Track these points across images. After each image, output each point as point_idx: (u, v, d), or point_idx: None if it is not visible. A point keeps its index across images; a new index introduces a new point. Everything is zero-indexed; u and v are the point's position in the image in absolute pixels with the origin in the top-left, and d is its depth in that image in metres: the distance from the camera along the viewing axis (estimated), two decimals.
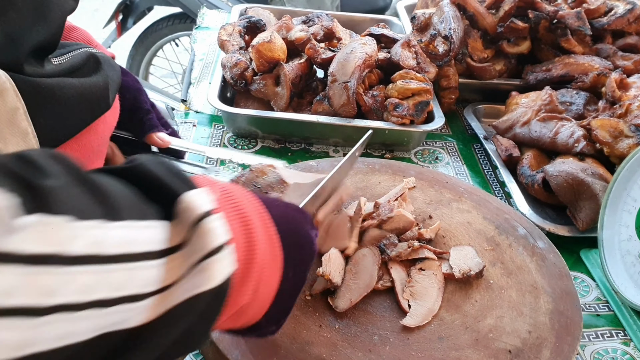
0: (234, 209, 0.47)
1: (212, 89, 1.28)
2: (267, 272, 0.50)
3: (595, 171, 1.09)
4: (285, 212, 0.56)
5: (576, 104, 1.29)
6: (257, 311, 0.52)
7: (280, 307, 0.55)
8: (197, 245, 0.41)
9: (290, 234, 0.54)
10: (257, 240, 0.48)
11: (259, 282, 0.49)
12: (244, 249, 0.47)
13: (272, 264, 0.51)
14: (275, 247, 0.51)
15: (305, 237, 0.57)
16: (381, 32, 1.44)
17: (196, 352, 0.80)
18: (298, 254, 0.55)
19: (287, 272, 0.53)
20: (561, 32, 1.43)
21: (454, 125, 1.44)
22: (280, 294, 0.53)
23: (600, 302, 0.97)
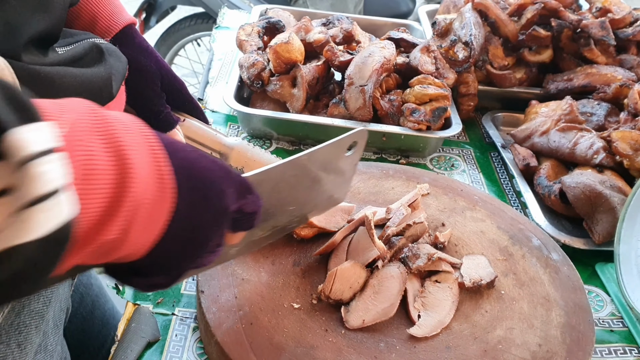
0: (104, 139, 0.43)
1: (228, 88, 1.28)
2: (146, 209, 0.45)
3: (614, 184, 1.07)
4: (194, 157, 0.52)
5: (597, 115, 1.27)
6: (133, 250, 0.47)
7: (167, 252, 0.50)
8: (21, 191, 0.36)
9: (192, 177, 0.50)
10: (134, 172, 0.43)
11: (133, 219, 0.44)
12: (112, 181, 0.42)
13: (157, 203, 0.46)
14: (165, 184, 0.47)
15: (212, 186, 0.52)
16: (401, 37, 1.43)
17: (201, 352, 0.80)
18: (199, 201, 0.50)
19: (180, 218, 0.49)
20: (584, 41, 1.41)
21: (472, 132, 1.42)
22: (168, 237, 0.49)
23: (615, 318, 0.94)
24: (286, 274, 0.86)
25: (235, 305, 0.79)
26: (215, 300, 0.80)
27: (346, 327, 0.80)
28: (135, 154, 0.44)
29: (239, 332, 0.76)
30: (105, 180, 0.42)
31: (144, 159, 0.45)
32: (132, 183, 0.43)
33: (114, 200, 0.42)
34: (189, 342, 0.81)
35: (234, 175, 0.55)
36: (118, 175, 0.42)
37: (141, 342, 0.78)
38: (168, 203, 0.47)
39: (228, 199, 0.53)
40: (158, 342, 0.80)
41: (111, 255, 0.46)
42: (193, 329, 0.83)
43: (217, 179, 0.52)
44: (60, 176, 0.37)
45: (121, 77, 0.70)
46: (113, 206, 0.42)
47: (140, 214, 0.45)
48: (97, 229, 0.42)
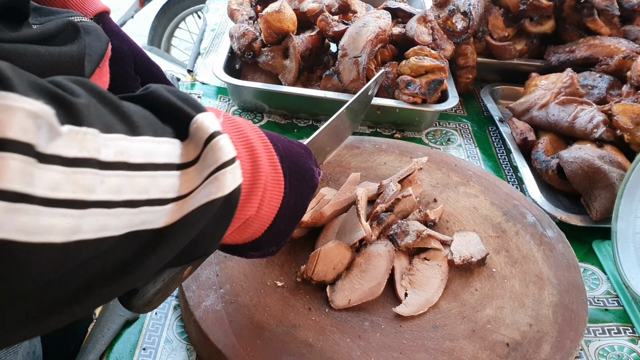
0: (237, 132, 0.53)
1: (218, 59, 1.24)
2: (269, 191, 0.56)
3: (614, 159, 1.04)
4: (288, 145, 0.61)
5: (598, 87, 1.23)
6: (259, 227, 0.58)
7: (280, 227, 0.60)
8: (209, 159, 0.46)
9: (292, 164, 0.60)
10: (260, 161, 0.53)
11: (263, 199, 0.55)
12: (249, 166, 0.52)
13: (275, 186, 0.57)
14: (278, 170, 0.57)
15: (305, 170, 0.63)
16: (398, 6, 1.38)
17: (181, 331, 0.78)
18: (299, 183, 0.61)
19: (288, 197, 0.59)
20: (587, 11, 1.36)
21: (470, 106, 1.38)
22: (281, 214, 0.59)
23: (610, 297, 0.92)
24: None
25: (216, 283, 0.77)
26: (196, 278, 0.77)
27: (331, 305, 0.77)
28: (257, 143, 0.54)
29: (218, 311, 0.73)
30: (245, 164, 0.52)
31: (260, 146, 0.55)
32: (260, 168, 0.53)
33: (252, 181, 0.53)
34: (170, 321, 0.79)
35: (307, 149, 0.66)
36: (252, 162, 0.53)
37: (119, 320, 0.76)
38: (281, 185, 0.58)
39: (316, 175, 0.65)
40: (137, 321, 0.78)
41: (245, 232, 0.57)
42: (174, 307, 0.81)
43: (303, 157, 0.63)
44: (232, 149, 0.47)
45: (98, 57, 0.67)
46: (252, 185, 0.53)
47: (267, 195, 0.56)
48: (245, 202, 0.53)
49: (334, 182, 0.99)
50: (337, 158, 1.04)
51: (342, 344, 0.73)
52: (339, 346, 0.72)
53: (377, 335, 0.75)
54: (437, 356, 0.73)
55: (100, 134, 0.38)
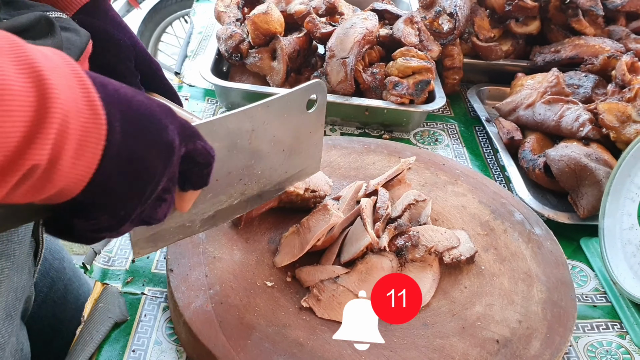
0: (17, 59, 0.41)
1: (205, 61, 1.24)
2: (77, 133, 0.44)
3: (600, 157, 1.05)
4: (129, 92, 0.50)
5: (584, 87, 1.24)
6: (70, 181, 0.45)
7: (109, 185, 0.48)
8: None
9: (128, 109, 0.48)
10: (53, 90, 0.42)
11: (61, 145, 0.43)
12: (34, 99, 0.41)
13: (89, 128, 0.45)
14: (95, 109, 0.45)
15: (151, 120, 0.50)
16: (384, 8, 1.39)
17: (171, 332, 0.77)
18: (139, 134, 0.49)
19: (118, 145, 0.47)
20: (572, 12, 1.37)
21: (457, 106, 1.39)
22: (105, 168, 0.46)
23: (598, 293, 0.92)
24: (261, 252, 0.84)
25: (206, 284, 0.77)
26: (185, 279, 0.77)
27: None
28: (55, 77, 0.42)
29: (208, 312, 0.73)
30: (22, 100, 0.40)
31: (67, 83, 0.43)
32: (54, 104, 0.41)
33: (36, 121, 0.41)
34: (159, 322, 0.78)
35: (178, 116, 0.53)
36: (37, 96, 0.41)
37: (108, 322, 0.76)
38: (101, 128, 0.46)
39: (171, 133, 0.51)
40: (126, 323, 0.78)
41: (45, 188, 0.44)
42: (163, 308, 0.80)
43: (156, 113, 0.50)
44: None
45: (78, 51, 0.65)
46: (35, 126, 0.41)
47: (70, 139, 0.43)
48: (22, 151, 0.40)
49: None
50: (326, 158, 1.04)
51: (333, 343, 0.72)
52: (330, 345, 0.72)
53: None
54: (427, 354, 0.73)
55: None
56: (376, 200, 0.88)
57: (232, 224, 0.87)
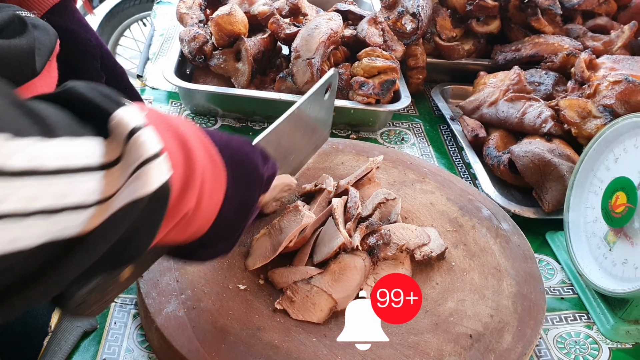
0: (165, 125, 0.49)
1: (168, 63, 1.22)
2: (209, 183, 0.53)
3: (563, 152, 1.07)
4: (225, 137, 0.59)
5: (545, 84, 1.26)
6: (203, 222, 0.55)
7: (227, 220, 0.58)
8: (132, 156, 0.43)
9: (232, 154, 0.58)
10: (194, 151, 0.50)
11: (202, 191, 0.52)
12: (182, 158, 0.49)
13: (215, 176, 0.54)
14: (216, 161, 0.55)
15: (248, 160, 0.61)
16: (348, 9, 1.39)
17: (142, 340, 0.76)
18: (243, 175, 0.59)
19: (232, 188, 0.57)
20: (531, 11, 1.40)
21: (421, 106, 1.40)
22: (226, 206, 0.56)
23: (565, 285, 0.94)
24: (231, 255, 0.82)
25: (177, 289, 0.76)
26: (155, 285, 0.75)
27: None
28: (189, 135, 0.51)
29: (180, 317, 0.72)
30: (177, 157, 0.48)
31: (194, 138, 0.52)
32: (195, 161, 0.50)
33: (186, 173, 0.49)
34: (129, 330, 0.77)
35: (256, 146, 0.64)
36: (184, 155, 0.49)
37: (77, 332, 0.73)
38: (222, 177, 0.56)
39: (260, 167, 0.62)
40: (96, 331, 0.76)
41: (187, 228, 0.53)
42: (133, 315, 0.79)
43: (248, 152, 0.61)
44: (157, 142, 0.45)
45: (48, 52, 0.64)
46: (187, 177, 0.49)
47: (206, 187, 0.53)
48: (180, 197, 0.49)
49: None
50: None
51: (308, 343, 0.72)
52: (305, 346, 0.72)
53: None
54: (402, 351, 0.73)
55: (11, 140, 0.35)
56: (347, 200, 0.87)
57: None
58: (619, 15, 1.52)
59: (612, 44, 1.37)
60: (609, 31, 1.44)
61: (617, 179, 0.87)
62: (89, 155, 0.41)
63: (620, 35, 1.37)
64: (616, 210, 0.86)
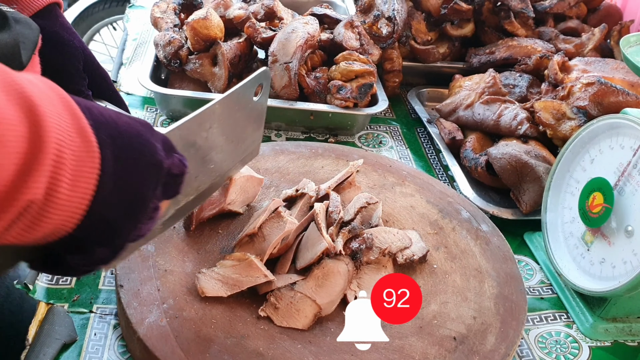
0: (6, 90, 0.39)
1: (143, 68, 1.21)
2: (71, 166, 0.42)
3: (539, 153, 1.08)
4: (114, 115, 0.48)
5: (519, 86, 1.28)
6: (64, 217, 0.43)
7: (105, 216, 0.45)
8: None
9: (118, 134, 0.46)
10: (47, 122, 0.40)
11: (57, 176, 0.41)
12: (25, 129, 0.39)
13: (82, 158, 0.43)
14: (88, 137, 0.43)
15: (141, 143, 0.48)
16: (324, 12, 1.39)
17: (123, 351, 0.74)
18: (130, 160, 0.47)
19: (112, 173, 0.45)
20: (504, 14, 1.42)
21: (398, 109, 1.41)
22: (100, 199, 0.44)
23: (544, 285, 0.95)
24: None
25: (159, 298, 0.74)
26: (136, 295, 0.74)
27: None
28: (46, 105, 0.40)
29: (163, 327, 0.71)
30: (15, 126, 0.38)
31: (57, 110, 0.41)
32: (48, 134, 0.39)
33: (31, 151, 0.39)
34: (110, 341, 0.75)
35: (157, 131, 0.52)
36: (30, 125, 0.39)
37: (55, 344, 0.72)
38: (94, 159, 0.43)
39: (159, 152, 0.50)
40: (75, 343, 0.74)
41: (40, 225, 0.41)
42: (114, 326, 0.77)
43: (142, 133, 0.49)
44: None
45: (32, 45, 0.64)
46: (31, 159, 0.39)
47: (65, 170, 0.41)
48: (17, 185, 0.38)
49: (274, 187, 0.98)
50: (274, 164, 1.03)
51: (294, 350, 0.72)
52: (291, 353, 0.71)
53: (327, 339, 0.74)
54: (387, 355, 0.73)
55: None
56: (328, 204, 0.87)
57: (184, 227, 0.85)
58: (589, 18, 1.55)
59: (583, 46, 1.39)
60: (580, 34, 1.46)
61: (594, 179, 0.88)
62: None
63: (591, 38, 1.39)
64: (593, 210, 0.87)
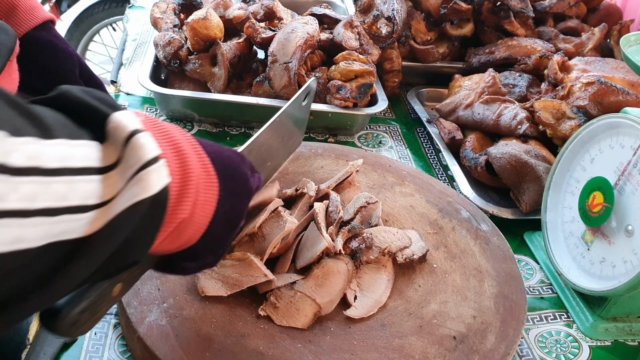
0: (160, 131, 0.49)
1: (143, 69, 1.21)
2: (203, 193, 0.52)
3: (539, 153, 1.08)
4: (217, 148, 0.58)
5: (519, 86, 1.28)
6: (194, 232, 0.54)
7: (216, 233, 0.57)
8: (131, 160, 0.43)
9: (223, 166, 0.56)
10: (189, 159, 0.50)
11: (196, 201, 0.51)
12: (177, 165, 0.48)
13: (208, 186, 0.54)
14: (210, 172, 0.54)
15: (239, 173, 0.60)
16: (323, 12, 1.39)
17: (124, 350, 0.74)
18: (233, 187, 0.58)
19: (223, 200, 0.56)
20: (504, 14, 1.42)
21: (398, 109, 1.41)
22: (217, 218, 0.55)
23: (544, 285, 0.95)
24: None
25: (158, 297, 0.74)
26: (136, 294, 0.74)
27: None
28: (184, 143, 0.50)
29: (163, 326, 0.71)
30: (173, 164, 0.48)
31: (189, 146, 0.51)
32: (190, 167, 0.49)
33: (182, 180, 0.49)
34: (110, 340, 0.75)
35: (245, 158, 0.63)
36: (180, 162, 0.49)
37: (56, 343, 0.72)
38: (215, 188, 0.55)
39: (250, 181, 0.61)
40: (75, 342, 0.74)
41: (179, 237, 0.52)
42: (114, 325, 0.77)
43: (236, 161, 0.60)
44: (155, 147, 0.44)
45: (7, 51, 0.64)
46: (183, 185, 0.49)
47: (200, 197, 0.52)
48: (177, 204, 0.49)
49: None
50: None
51: (293, 349, 0.72)
52: (290, 352, 0.71)
53: (327, 338, 0.74)
54: (387, 354, 0.73)
55: (8, 138, 0.35)
56: (328, 204, 0.87)
57: None
58: (589, 18, 1.55)
59: (583, 46, 1.39)
60: (580, 33, 1.46)
61: (594, 179, 0.88)
62: (87, 158, 0.41)
63: (591, 38, 1.39)
64: (593, 209, 0.87)
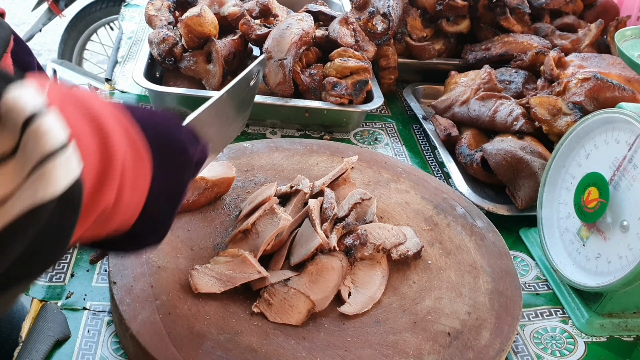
0: (74, 104, 0.42)
1: (137, 66, 1.20)
2: (131, 172, 0.46)
3: (534, 149, 1.08)
4: (149, 114, 0.53)
5: (515, 82, 1.28)
6: (127, 216, 0.49)
7: (155, 212, 0.52)
8: (29, 150, 0.35)
9: (158, 136, 0.51)
10: (112, 136, 0.43)
11: (123, 182, 0.45)
12: (97, 144, 0.42)
13: (138, 164, 0.48)
14: (139, 145, 0.48)
15: (177, 141, 0.54)
16: (319, 9, 1.39)
17: (117, 347, 0.74)
18: (170, 158, 0.53)
19: (159, 174, 0.51)
20: (500, 10, 1.42)
21: (393, 106, 1.41)
22: (152, 196, 0.50)
23: (540, 281, 0.95)
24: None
25: (152, 294, 0.74)
26: (129, 291, 0.74)
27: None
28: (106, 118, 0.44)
29: (156, 323, 0.70)
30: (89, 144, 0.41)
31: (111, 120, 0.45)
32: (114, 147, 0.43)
33: (103, 164, 0.42)
34: (103, 338, 0.75)
35: (176, 119, 0.57)
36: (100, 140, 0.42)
37: (48, 341, 0.71)
38: (147, 163, 0.49)
39: (190, 150, 0.56)
40: (69, 340, 0.74)
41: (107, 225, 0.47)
42: (107, 323, 0.77)
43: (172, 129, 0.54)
44: (62, 130, 0.37)
45: (4, 45, 0.63)
46: (103, 170, 0.43)
47: (128, 177, 0.46)
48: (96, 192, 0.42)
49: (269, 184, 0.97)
50: (269, 161, 1.02)
51: (287, 346, 0.71)
52: (284, 349, 0.71)
53: (321, 334, 0.74)
54: (381, 350, 0.73)
55: None
56: (322, 201, 0.87)
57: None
58: (585, 14, 1.55)
59: (579, 42, 1.39)
60: (576, 29, 1.46)
61: (589, 174, 0.88)
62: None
63: (587, 34, 1.39)
64: (588, 205, 0.87)
